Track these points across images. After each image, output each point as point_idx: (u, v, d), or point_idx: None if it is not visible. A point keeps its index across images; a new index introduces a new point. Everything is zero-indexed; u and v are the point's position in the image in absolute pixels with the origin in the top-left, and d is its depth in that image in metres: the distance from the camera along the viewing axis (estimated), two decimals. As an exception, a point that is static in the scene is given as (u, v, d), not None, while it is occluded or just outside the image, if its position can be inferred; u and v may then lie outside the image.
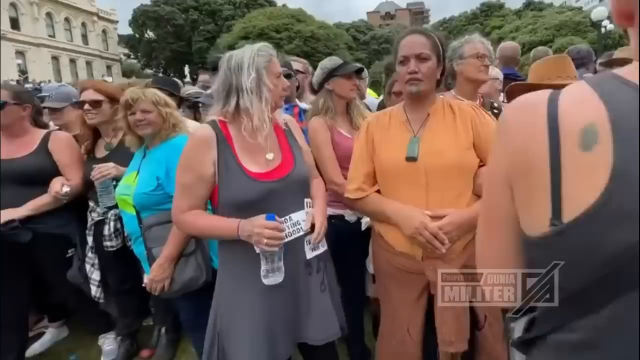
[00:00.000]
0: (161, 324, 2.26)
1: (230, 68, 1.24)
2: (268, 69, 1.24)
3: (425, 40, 1.24)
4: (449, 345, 1.18)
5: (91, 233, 2.01)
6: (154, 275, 1.54)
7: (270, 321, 1.24)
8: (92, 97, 1.93)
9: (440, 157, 1.23)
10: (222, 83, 1.25)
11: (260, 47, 1.27)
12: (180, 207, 1.25)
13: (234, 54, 1.26)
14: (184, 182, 1.24)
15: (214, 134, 1.24)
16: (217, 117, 1.28)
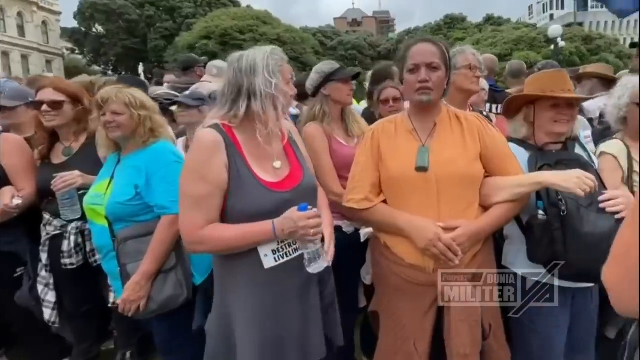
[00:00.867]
0: (125, 347, 2.12)
1: (241, 70, 1.19)
2: (281, 72, 1.22)
3: (435, 49, 1.30)
4: (463, 357, 1.21)
5: (46, 249, 1.85)
6: (129, 295, 1.45)
7: (279, 335, 1.21)
8: (52, 97, 1.79)
9: (450, 167, 1.27)
10: (230, 85, 1.20)
11: (272, 50, 1.24)
12: (196, 223, 1.14)
13: (244, 55, 1.22)
14: (197, 193, 1.14)
15: (221, 137, 1.18)
16: (219, 121, 1.23)
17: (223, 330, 1.26)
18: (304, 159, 1.34)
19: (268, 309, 1.21)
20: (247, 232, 1.15)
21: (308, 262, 1.17)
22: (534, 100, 1.41)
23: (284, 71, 1.24)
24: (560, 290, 1.32)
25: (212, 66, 3.02)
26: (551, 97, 1.36)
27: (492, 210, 1.28)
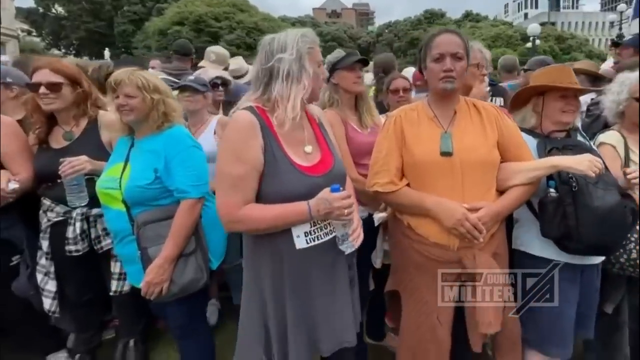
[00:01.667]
0: (128, 336, 2.10)
1: (272, 52, 1.22)
2: (310, 55, 1.24)
3: (459, 40, 1.38)
4: (488, 326, 1.33)
5: (47, 237, 1.81)
6: (152, 278, 1.47)
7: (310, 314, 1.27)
8: (50, 78, 1.73)
9: (473, 152, 1.36)
10: (262, 68, 1.23)
11: (305, 32, 1.27)
12: (234, 203, 1.18)
13: (275, 37, 1.24)
14: (236, 174, 1.18)
15: (256, 119, 1.21)
16: (253, 104, 1.26)
17: (255, 308, 1.31)
18: (333, 145, 1.39)
19: (298, 288, 1.26)
20: (283, 212, 1.19)
21: (341, 241, 1.24)
22: (544, 92, 1.54)
23: (314, 54, 1.26)
24: (570, 266, 1.45)
25: (211, 52, 3.00)
26: (562, 88, 1.49)
27: (510, 193, 1.40)
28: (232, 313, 2.51)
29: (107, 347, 2.17)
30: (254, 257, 1.32)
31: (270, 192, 1.21)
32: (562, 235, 1.34)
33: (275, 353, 1.28)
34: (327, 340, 1.30)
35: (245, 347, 1.35)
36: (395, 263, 1.61)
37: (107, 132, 1.86)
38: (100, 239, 1.81)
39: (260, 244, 1.28)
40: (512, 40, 29.95)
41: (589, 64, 3.27)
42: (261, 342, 1.30)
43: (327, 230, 1.27)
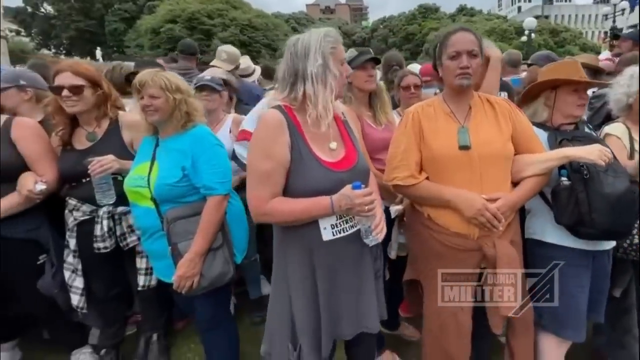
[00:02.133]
0: (151, 330, 2.17)
1: (296, 53, 1.28)
2: (334, 54, 1.29)
3: (474, 38, 1.46)
4: (508, 309, 1.42)
5: (74, 235, 1.86)
6: (184, 271, 1.53)
7: (335, 304, 1.35)
8: (72, 81, 1.77)
9: (489, 146, 1.44)
10: (287, 69, 1.30)
11: (327, 31, 1.31)
12: (263, 197, 1.26)
13: (300, 39, 1.30)
14: (264, 170, 1.25)
15: (284, 118, 1.29)
16: (281, 103, 1.33)
17: (282, 295, 1.39)
18: (357, 142, 1.45)
19: (325, 278, 1.34)
20: (308, 206, 1.26)
21: (365, 235, 1.31)
22: (556, 86, 1.62)
23: (337, 53, 1.31)
24: (582, 252, 1.54)
25: (222, 51, 3.04)
26: (577, 82, 1.57)
27: (525, 184, 1.48)
28: (248, 308, 2.59)
29: (129, 342, 2.24)
30: (282, 247, 1.39)
31: (296, 187, 1.28)
32: (576, 221, 1.43)
33: (300, 340, 1.36)
34: (349, 326, 1.38)
35: (272, 333, 1.43)
36: (414, 253, 1.69)
37: (128, 132, 1.92)
38: (125, 236, 1.88)
39: (289, 234, 1.36)
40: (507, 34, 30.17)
41: (590, 57, 3.36)
42: (287, 329, 1.38)
43: (352, 223, 1.34)
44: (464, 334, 1.53)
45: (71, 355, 2.12)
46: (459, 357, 1.56)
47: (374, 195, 1.26)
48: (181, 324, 2.50)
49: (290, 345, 1.38)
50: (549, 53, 3.21)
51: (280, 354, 1.39)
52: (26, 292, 1.85)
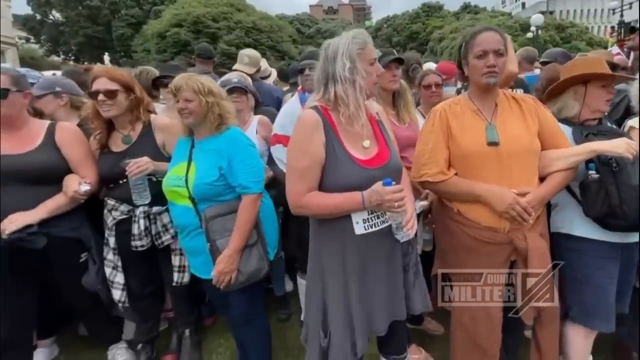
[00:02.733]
0: (184, 326, 2.24)
1: (327, 57, 1.36)
2: (361, 55, 1.34)
3: (500, 37, 1.51)
4: (540, 300, 1.47)
5: (113, 233, 1.94)
6: (223, 267, 1.59)
7: (367, 295, 1.40)
8: (107, 86, 1.84)
9: (517, 142, 1.48)
10: (321, 72, 1.38)
11: (356, 33, 1.38)
12: (300, 191, 1.34)
13: (331, 42, 1.38)
14: (302, 166, 1.33)
15: (320, 118, 1.36)
16: (318, 104, 1.40)
17: (317, 285, 1.46)
18: (391, 140, 1.50)
19: (357, 270, 1.39)
20: (341, 200, 1.33)
21: (396, 230, 1.36)
22: (587, 81, 1.65)
23: (365, 53, 1.36)
24: (611, 245, 1.57)
25: (244, 55, 3.12)
26: (610, 76, 1.60)
27: (553, 178, 1.52)
28: (274, 305, 2.65)
29: (162, 338, 2.30)
30: (318, 239, 1.47)
31: (330, 182, 1.35)
32: (606, 214, 1.46)
33: (330, 327, 1.42)
34: (381, 320, 1.43)
35: (308, 319, 1.52)
36: (443, 247, 1.73)
37: (160, 134, 1.99)
38: (160, 235, 1.94)
39: (324, 227, 1.43)
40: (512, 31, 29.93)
41: (604, 53, 3.37)
42: (319, 316, 1.45)
43: (384, 218, 1.39)
44: (495, 326, 1.57)
45: (108, 351, 2.20)
46: (490, 349, 1.60)
47: (405, 192, 1.31)
48: (210, 320, 2.57)
49: (321, 331, 1.45)
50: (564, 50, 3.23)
51: (313, 340, 1.47)
52: (70, 289, 1.93)
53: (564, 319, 1.72)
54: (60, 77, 2.42)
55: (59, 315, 2.21)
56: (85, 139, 1.97)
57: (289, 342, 2.33)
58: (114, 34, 37.15)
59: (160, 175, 1.87)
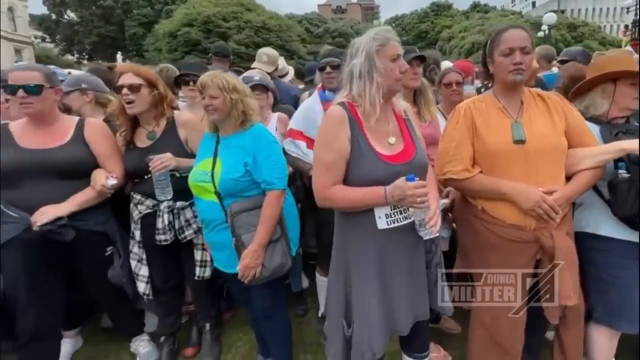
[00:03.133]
0: (205, 320, 2.26)
1: (351, 55, 1.39)
2: (381, 52, 1.34)
3: (526, 35, 1.49)
4: (567, 298, 1.44)
5: (138, 227, 1.97)
6: (248, 262, 1.60)
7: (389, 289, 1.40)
8: (131, 80, 1.87)
9: (543, 140, 1.46)
10: (347, 69, 1.40)
11: (378, 30, 1.39)
12: (325, 184, 1.37)
13: (355, 41, 1.40)
14: (327, 160, 1.36)
15: (345, 114, 1.37)
16: (345, 100, 1.41)
17: (340, 275, 1.47)
18: (417, 138, 1.49)
19: (378, 265, 1.39)
20: (364, 194, 1.34)
21: (419, 227, 1.35)
22: (616, 79, 1.62)
23: (386, 50, 1.35)
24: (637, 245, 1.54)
25: (263, 53, 3.12)
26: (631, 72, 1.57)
27: (580, 177, 1.49)
28: (291, 301, 2.65)
29: (182, 331, 2.32)
30: (342, 231, 1.48)
31: (354, 177, 1.36)
32: (636, 214, 1.44)
33: (354, 318, 1.43)
34: (404, 319, 1.43)
35: (330, 309, 1.54)
36: (466, 245, 1.71)
37: (183, 130, 2.00)
38: (183, 229, 1.96)
39: (348, 220, 1.44)
40: (522, 30, 29.48)
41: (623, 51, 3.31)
42: (342, 307, 1.47)
43: (406, 214, 1.39)
44: (518, 325, 1.55)
45: (130, 342, 2.23)
46: (512, 349, 1.59)
47: (428, 189, 1.30)
48: (229, 314, 2.59)
49: (344, 321, 1.47)
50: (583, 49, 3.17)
51: (336, 331, 1.49)
52: (95, 282, 1.96)
53: (588, 320, 1.69)
54: (86, 74, 2.46)
55: (83, 308, 2.25)
56: (111, 134, 1.99)
57: (307, 338, 2.34)
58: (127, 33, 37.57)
59: (184, 171, 1.89)
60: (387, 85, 1.38)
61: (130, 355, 2.23)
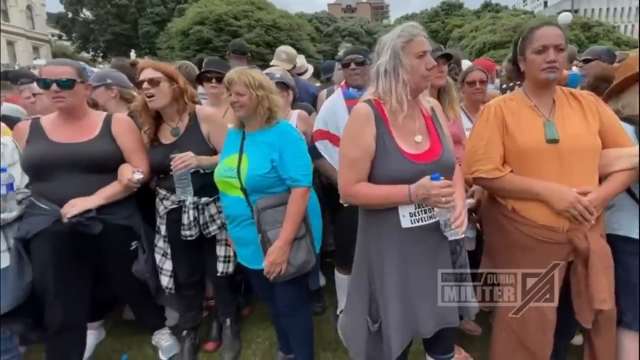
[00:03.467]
0: (225, 315, 2.26)
1: (377, 52, 1.37)
2: (406, 49, 1.31)
3: (561, 32, 1.45)
4: (602, 302, 1.40)
5: (164, 222, 1.98)
6: (275, 258, 1.59)
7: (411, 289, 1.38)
8: (150, 75, 1.87)
9: (577, 139, 1.42)
10: (374, 67, 1.38)
11: (404, 27, 1.36)
12: (350, 181, 1.36)
13: (382, 38, 1.38)
14: (352, 157, 1.35)
15: (372, 111, 1.36)
16: (372, 97, 1.39)
17: (364, 271, 1.46)
18: (445, 136, 1.46)
19: (399, 264, 1.37)
20: (388, 192, 1.32)
21: (444, 227, 1.32)
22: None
23: (412, 46, 1.32)
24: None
25: (282, 51, 3.12)
26: None
27: (615, 178, 1.44)
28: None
29: (202, 326, 2.32)
30: (365, 228, 1.47)
31: (379, 174, 1.35)
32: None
33: (381, 317, 1.41)
34: (426, 323, 1.39)
35: (352, 305, 1.52)
36: (493, 245, 1.68)
37: (205, 125, 1.99)
38: (208, 225, 1.96)
39: (372, 218, 1.42)
40: (535, 30, 28.92)
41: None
42: (366, 304, 1.45)
43: (431, 214, 1.36)
44: (548, 329, 1.51)
45: (152, 336, 2.25)
46: (540, 353, 1.54)
47: (454, 188, 1.27)
48: (247, 310, 2.59)
49: (368, 318, 1.45)
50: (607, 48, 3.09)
51: (359, 327, 1.47)
52: (120, 275, 1.97)
53: (617, 325, 1.64)
54: (111, 70, 2.48)
55: (107, 300, 2.27)
56: (137, 129, 2.00)
57: (326, 335, 2.33)
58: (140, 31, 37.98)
59: (207, 168, 1.89)
60: (413, 82, 1.34)
61: (152, 348, 2.25)
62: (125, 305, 2.40)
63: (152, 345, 2.25)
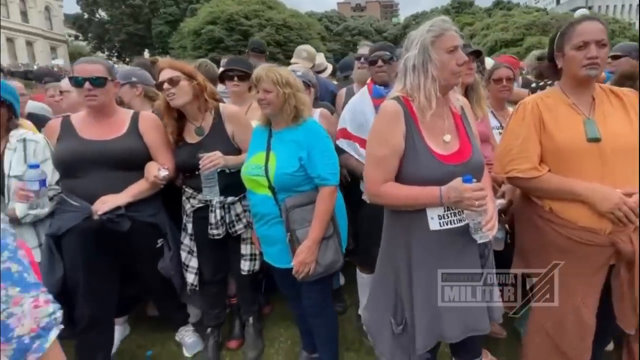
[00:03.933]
0: (248, 314, 2.25)
1: (406, 47, 1.31)
2: (436, 44, 1.26)
3: (602, 27, 1.38)
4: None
5: (190, 220, 1.97)
6: (304, 257, 1.56)
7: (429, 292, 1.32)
8: (169, 75, 1.84)
9: (619, 138, 1.35)
10: (402, 63, 1.33)
11: (434, 21, 1.30)
12: (377, 180, 1.31)
13: (411, 33, 1.33)
14: (380, 155, 1.30)
15: (401, 109, 1.30)
16: (400, 94, 1.34)
17: (389, 272, 1.42)
18: (474, 136, 1.40)
19: (426, 267, 1.32)
20: (417, 193, 1.27)
21: (474, 230, 1.26)
22: None
23: (442, 41, 1.26)
24: None
25: (302, 50, 3.09)
26: None
27: None
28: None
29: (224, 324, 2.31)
30: (391, 228, 1.42)
31: (407, 174, 1.30)
32: None
33: (407, 319, 1.37)
34: (451, 328, 1.33)
35: (376, 305, 1.48)
36: (528, 246, 1.61)
37: (230, 124, 1.97)
38: (234, 224, 1.94)
39: (397, 218, 1.38)
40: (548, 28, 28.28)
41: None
42: (390, 305, 1.41)
43: (461, 216, 1.30)
44: (587, 334, 1.45)
45: (176, 332, 2.25)
46: (578, 359, 1.48)
47: (486, 191, 1.22)
48: (267, 308, 2.58)
49: (392, 319, 1.41)
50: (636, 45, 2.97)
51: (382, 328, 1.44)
52: (147, 272, 1.97)
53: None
54: (136, 68, 2.48)
55: (132, 296, 2.27)
56: (162, 126, 1.98)
57: (348, 335, 2.29)
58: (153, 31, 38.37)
59: (233, 168, 1.86)
60: (443, 78, 1.28)
61: (176, 345, 2.25)
62: (149, 301, 2.40)
63: (176, 341, 2.26)
